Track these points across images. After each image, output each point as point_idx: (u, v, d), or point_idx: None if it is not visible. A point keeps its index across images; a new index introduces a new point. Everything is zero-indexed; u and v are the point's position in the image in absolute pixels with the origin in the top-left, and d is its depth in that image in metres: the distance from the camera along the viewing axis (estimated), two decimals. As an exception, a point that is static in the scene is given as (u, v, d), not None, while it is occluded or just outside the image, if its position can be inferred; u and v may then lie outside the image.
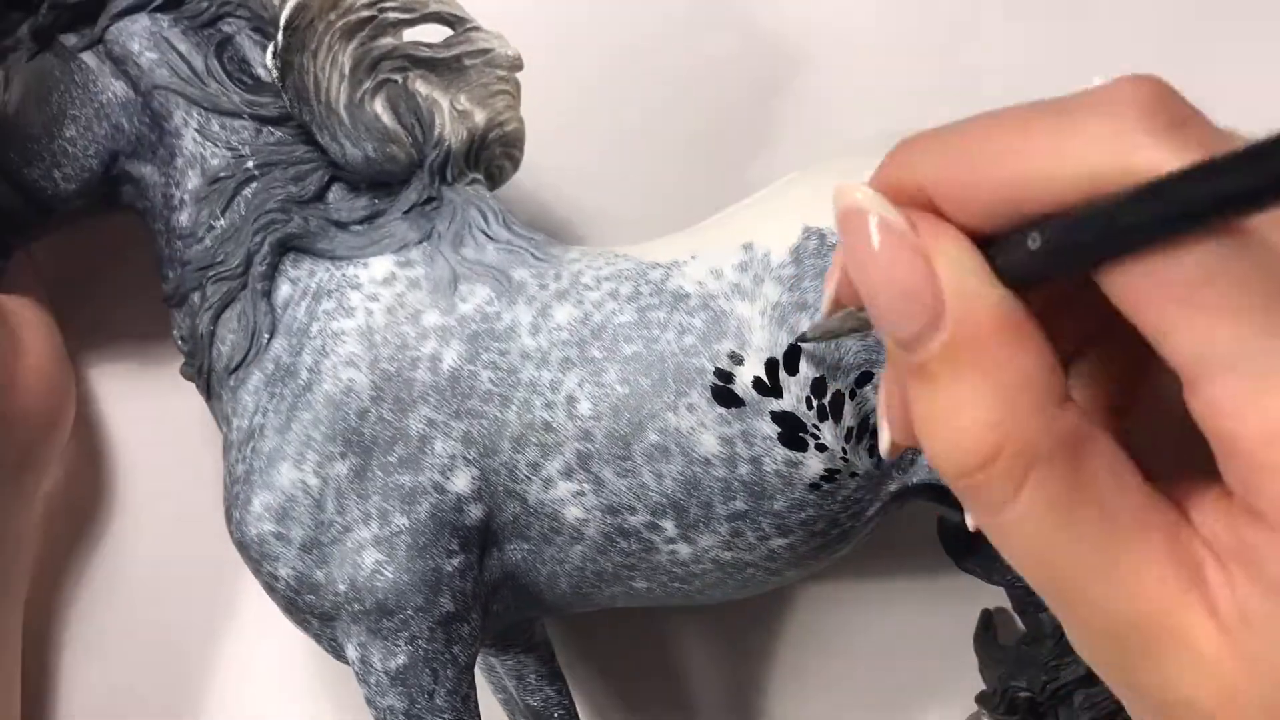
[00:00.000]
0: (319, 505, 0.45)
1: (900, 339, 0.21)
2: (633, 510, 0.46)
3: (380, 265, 0.47)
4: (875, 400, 0.45)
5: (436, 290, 0.47)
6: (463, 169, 0.49)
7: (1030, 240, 0.20)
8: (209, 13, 0.48)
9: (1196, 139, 0.18)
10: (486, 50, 0.49)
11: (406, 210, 0.48)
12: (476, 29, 0.49)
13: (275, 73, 0.45)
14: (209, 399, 0.50)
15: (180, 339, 0.50)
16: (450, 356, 0.46)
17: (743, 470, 0.45)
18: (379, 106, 0.47)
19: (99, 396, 0.60)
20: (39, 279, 0.56)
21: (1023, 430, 0.19)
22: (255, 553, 0.46)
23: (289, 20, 0.44)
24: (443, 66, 0.48)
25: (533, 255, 0.48)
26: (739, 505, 0.45)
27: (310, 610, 0.47)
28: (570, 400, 0.45)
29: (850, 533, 0.48)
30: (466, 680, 0.47)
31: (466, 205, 0.48)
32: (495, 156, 0.51)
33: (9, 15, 0.48)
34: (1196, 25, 0.63)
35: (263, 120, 0.48)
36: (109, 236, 0.57)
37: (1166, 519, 0.20)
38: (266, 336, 0.47)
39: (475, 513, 0.46)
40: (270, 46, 0.45)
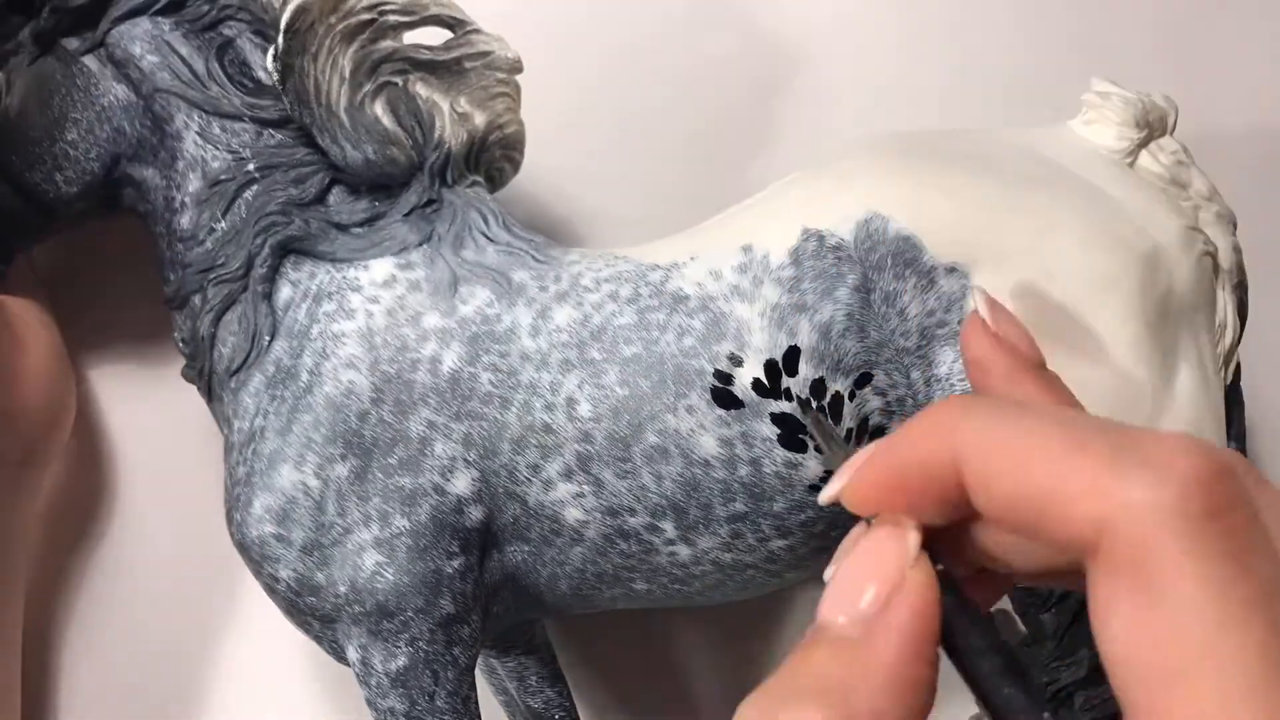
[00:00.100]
0: (320, 507, 0.45)
1: (849, 612, 0.21)
2: (632, 512, 0.46)
3: (380, 267, 0.47)
4: (874, 402, 0.45)
5: (437, 292, 0.47)
6: (463, 171, 0.49)
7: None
8: (210, 16, 0.48)
9: (1225, 532, 0.18)
10: (486, 53, 0.49)
11: (407, 212, 0.48)
12: (476, 31, 0.49)
13: (276, 75, 0.45)
14: (210, 401, 0.50)
15: (181, 341, 0.50)
16: (450, 358, 0.46)
17: (742, 472, 0.45)
18: (379, 109, 0.47)
19: (100, 399, 0.60)
20: (41, 281, 0.56)
21: None
22: (256, 554, 0.46)
23: (289, 23, 0.44)
24: (443, 69, 0.48)
25: (533, 257, 0.48)
26: (739, 507, 0.45)
27: (311, 612, 0.47)
28: (570, 402, 0.45)
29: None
30: (467, 682, 0.47)
31: (467, 207, 0.49)
32: (495, 159, 0.51)
33: (11, 19, 0.48)
34: (1197, 25, 0.63)
35: (263, 123, 0.48)
36: (110, 240, 0.57)
37: None
38: (267, 339, 0.47)
39: (475, 514, 0.46)
40: (271, 49, 0.45)
